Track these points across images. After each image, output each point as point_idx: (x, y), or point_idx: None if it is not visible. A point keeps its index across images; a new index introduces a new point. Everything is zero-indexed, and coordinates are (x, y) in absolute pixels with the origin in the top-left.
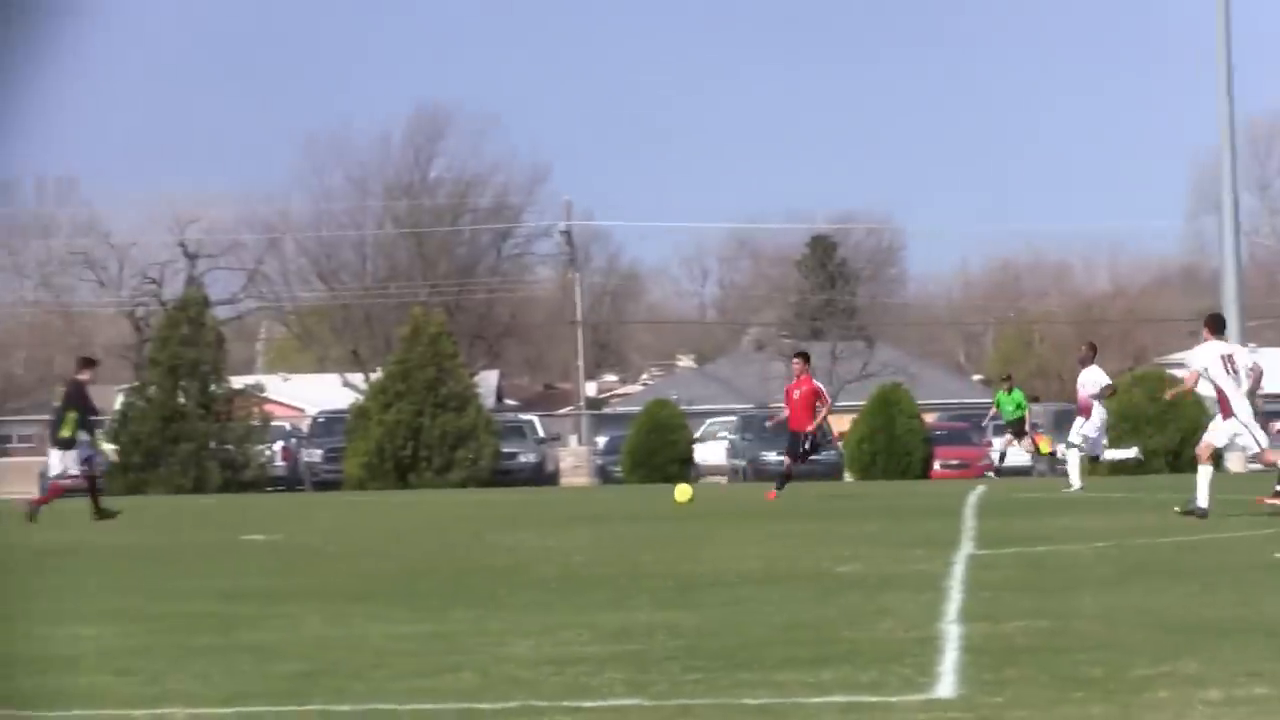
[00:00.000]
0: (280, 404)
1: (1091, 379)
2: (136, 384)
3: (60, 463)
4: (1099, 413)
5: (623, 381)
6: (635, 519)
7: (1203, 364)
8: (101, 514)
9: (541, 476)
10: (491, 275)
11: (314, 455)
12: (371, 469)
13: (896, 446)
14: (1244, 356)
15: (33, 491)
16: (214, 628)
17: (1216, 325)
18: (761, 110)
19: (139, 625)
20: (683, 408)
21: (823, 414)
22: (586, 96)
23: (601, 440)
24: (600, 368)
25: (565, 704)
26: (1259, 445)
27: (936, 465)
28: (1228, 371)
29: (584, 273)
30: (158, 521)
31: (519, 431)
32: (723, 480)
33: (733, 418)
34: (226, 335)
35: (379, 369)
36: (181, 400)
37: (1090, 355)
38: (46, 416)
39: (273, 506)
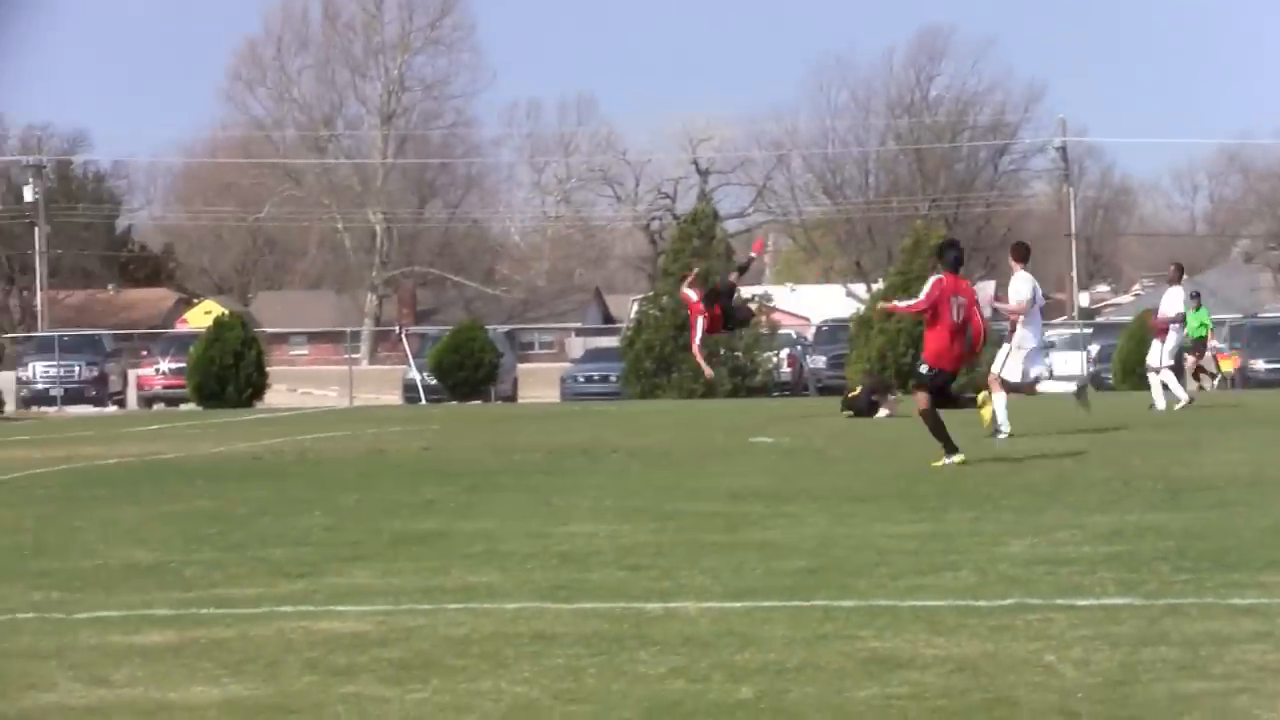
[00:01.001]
0: (787, 313)
1: (1169, 302)
2: (650, 294)
3: None
4: (1174, 337)
5: (1114, 292)
6: (1125, 425)
7: (1028, 293)
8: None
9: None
10: (989, 190)
11: (818, 362)
12: (873, 375)
13: None
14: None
15: (552, 395)
16: (722, 526)
17: (1024, 254)
18: (1243, 27)
19: (651, 523)
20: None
21: None
22: (1080, 14)
23: (1094, 349)
24: (1093, 279)
25: (1058, 602)
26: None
27: None
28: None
29: (1078, 187)
30: (672, 425)
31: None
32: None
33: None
34: (735, 247)
35: (880, 280)
36: None
37: (1177, 276)
38: (575, 325)
39: (778, 411)
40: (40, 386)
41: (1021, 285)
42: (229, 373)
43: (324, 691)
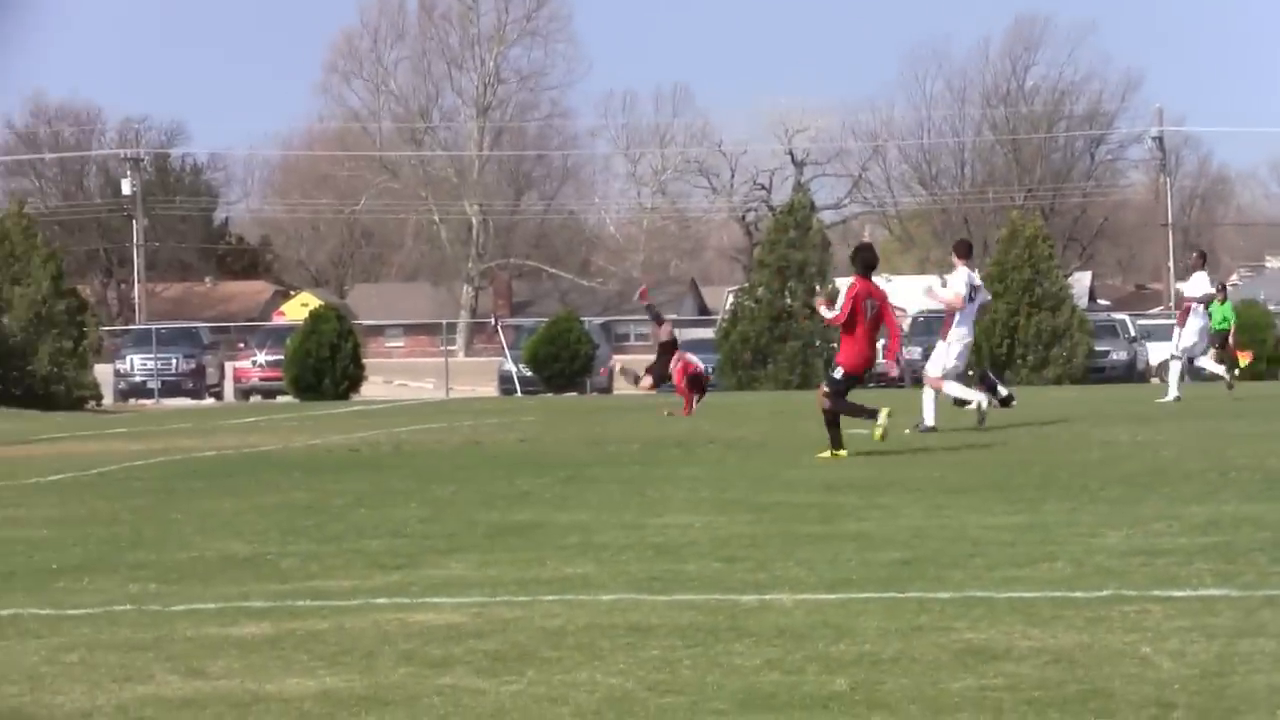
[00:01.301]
0: None
1: (1192, 287)
2: (746, 285)
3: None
4: (1195, 321)
5: (1212, 282)
6: (1223, 415)
7: (963, 289)
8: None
9: (1133, 374)
10: (1085, 179)
11: (914, 353)
12: (967, 366)
13: None
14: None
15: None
16: (817, 518)
17: (966, 250)
18: None
19: (746, 515)
20: (1270, 307)
21: None
22: (1178, 1)
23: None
24: (1191, 269)
25: (1155, 593)
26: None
27: None
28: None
29: (1174, 176)
30: (768, 416)
31: (1111, 330)
32: None
33: None
34: (831, 238)
35: (977, 270)
36: (788, 300)
37: (1200, 262)
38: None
39: (873, 400)
40: (138, 379)
41: (958, 280)
42: (325, 365)
43: (419, 683)
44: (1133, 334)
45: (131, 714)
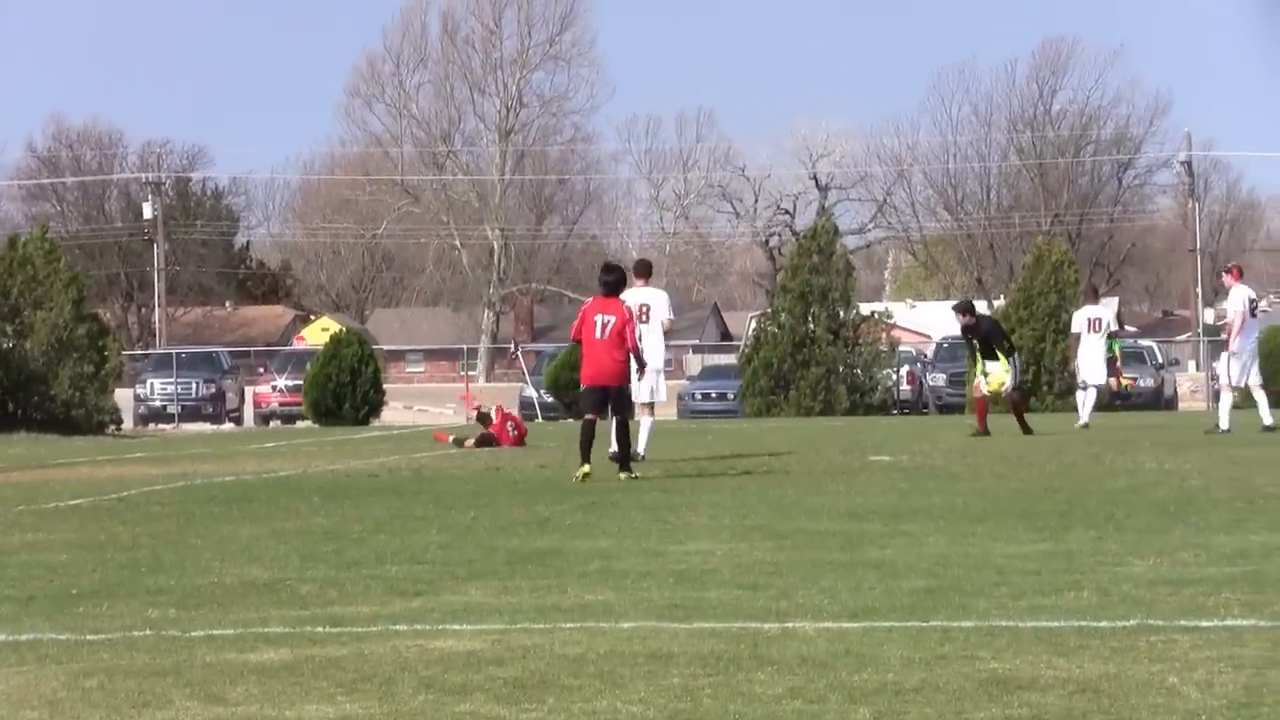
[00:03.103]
0: (906, 330)
1: (1237, 298)
2: (768, 310)
3: None
4: (1237, 343)
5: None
6: (1250, 443)
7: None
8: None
9: (1160, 401)
10: (1112, 204)
11: (938, 380)
12: (994, 393)
13: None
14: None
15: (669, 412)
16: (840, 545)
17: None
18: None
19: (768, 542)
20: None
21: None
22: (1207, 25)
23: (1218, 366)
24: (1219, 295)
25: (1182, 623)
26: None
27: None
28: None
29: (1203, 201)
30: (790, 442)
31: (1138, 357)
32: None
33: None
34: (855, 264)
35: (1002, 296)
36: (811, 326)
37: (1239, 274)
38: (693, 341)
39: (898, 429)
40: (158, 403)
41: (1237, 298)
42: (345, 390)
43: (438, 710)
44: (1160, 360)
45: None
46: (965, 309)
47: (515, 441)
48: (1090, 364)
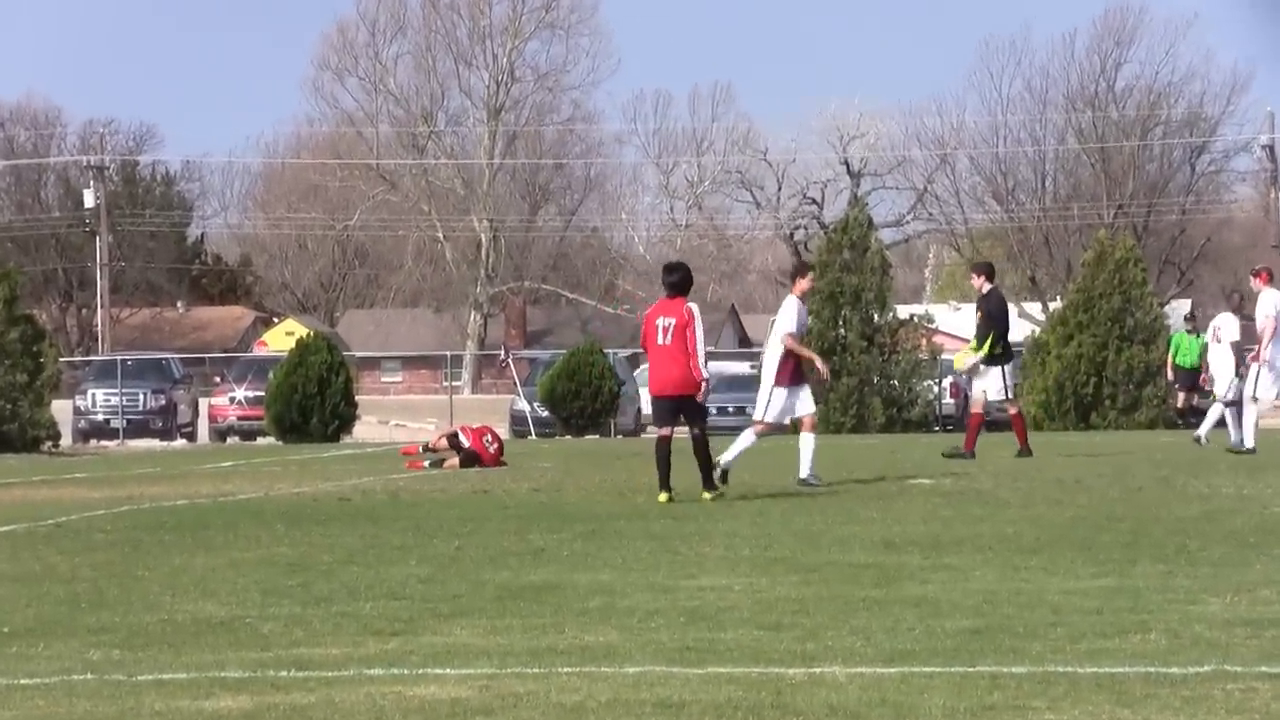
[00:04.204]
0: (950, 335)
1: (1268, 302)
2: None
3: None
4: (1269, 352)
5: None
6: None
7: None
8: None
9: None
10: (1184, 194)
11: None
12: (1049, 407)
13: None
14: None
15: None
16: (875, 580)
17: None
18: None
19: (793, 576)
20: None
21: None
22: None
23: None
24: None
25: (1262, 669)
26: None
27: None
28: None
29: None
30: (817, 463)
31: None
32: None
33: None
34: (892, 260)
35: (1058, 298)
36: (842, 331)
37: (1269, 277)
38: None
39: (939, 447)
40: (100, 417)
41: (1268, 302)
42: (313, 403)
43: None
44: (1242, 370)
45: None
46: (987, 271)
47: (496, 457)
48: (1219, 376)
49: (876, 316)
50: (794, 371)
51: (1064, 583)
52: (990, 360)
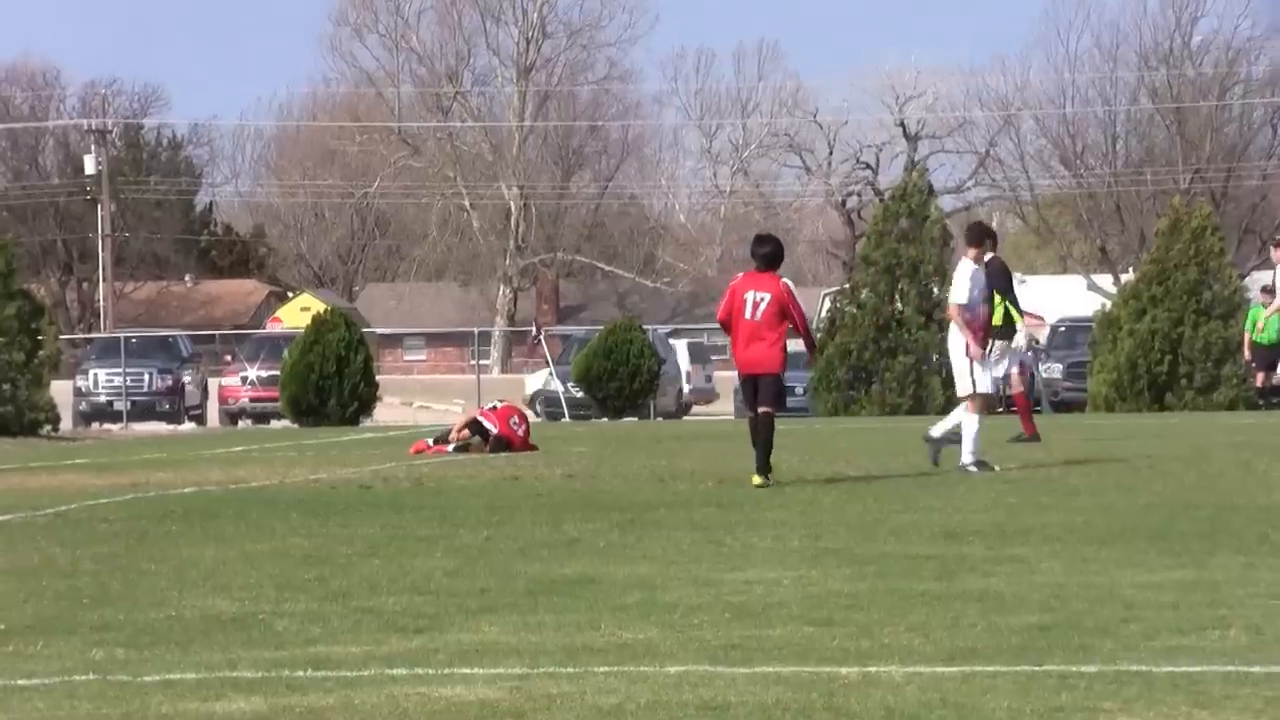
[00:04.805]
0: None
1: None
2: (846, 286)
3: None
4: None
5: None
6: None
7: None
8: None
9: None
10: (1265, 158)
11: (1053, 370)
12: (1121, 387)
13: None
14: None
15: (726, 410)
16: (934, 572)
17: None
18: None
19: (846, 568)
20: None
21: None
22: None
23: None
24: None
25: None
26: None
27: None
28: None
29: None
30: (871, 447)
31: None
32: None
33: None
34: (952, 230)
35: (1131, 269)
36: (899, 306)
37: None
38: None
39: (1004, 430)
40: (103, 399)
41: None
42: (330, 383)
43: None
44: None
45: None
46: (984, 237)
47: (525, 439)
48: None
49: (936, 290)
50: (984, 338)
51: (1137, 575)
52: (997, 334)
